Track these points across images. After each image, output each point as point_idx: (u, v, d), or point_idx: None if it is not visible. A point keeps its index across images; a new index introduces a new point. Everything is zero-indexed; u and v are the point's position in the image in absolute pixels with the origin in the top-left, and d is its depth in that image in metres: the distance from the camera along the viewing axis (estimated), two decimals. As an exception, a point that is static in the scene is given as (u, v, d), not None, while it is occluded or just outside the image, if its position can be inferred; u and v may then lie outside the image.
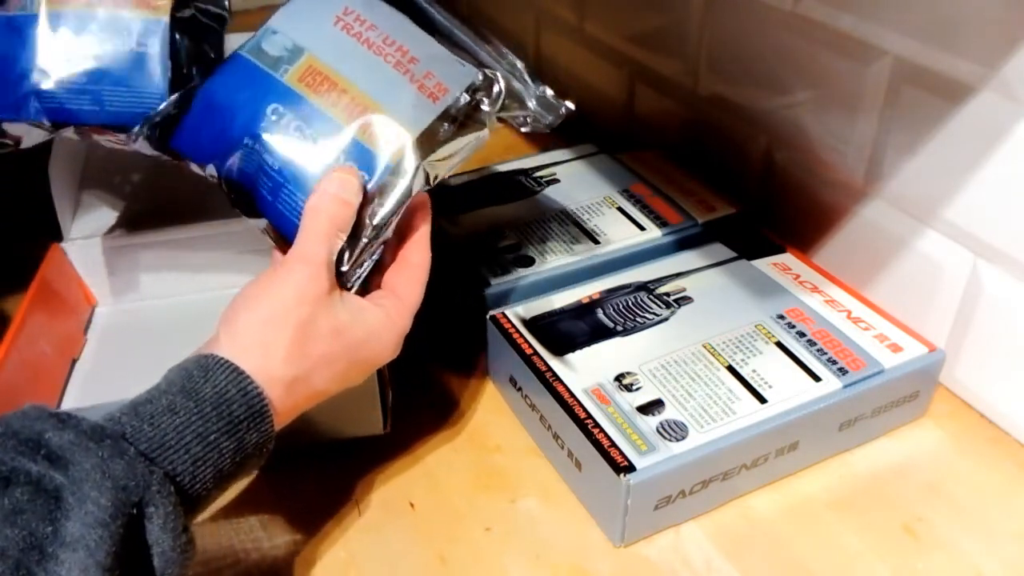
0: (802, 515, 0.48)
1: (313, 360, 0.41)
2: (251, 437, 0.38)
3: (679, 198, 0.65)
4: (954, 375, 0.55)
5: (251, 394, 0.38)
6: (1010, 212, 0.49)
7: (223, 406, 0.37)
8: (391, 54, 0.45)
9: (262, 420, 0.39)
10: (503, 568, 0.45)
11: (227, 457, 0.37)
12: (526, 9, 0.93)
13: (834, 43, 0.56)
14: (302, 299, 0.40)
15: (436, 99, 0.45)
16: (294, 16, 0.46)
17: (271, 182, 0.44)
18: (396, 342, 0.44)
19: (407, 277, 0.45)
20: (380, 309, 0.43)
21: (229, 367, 0.38)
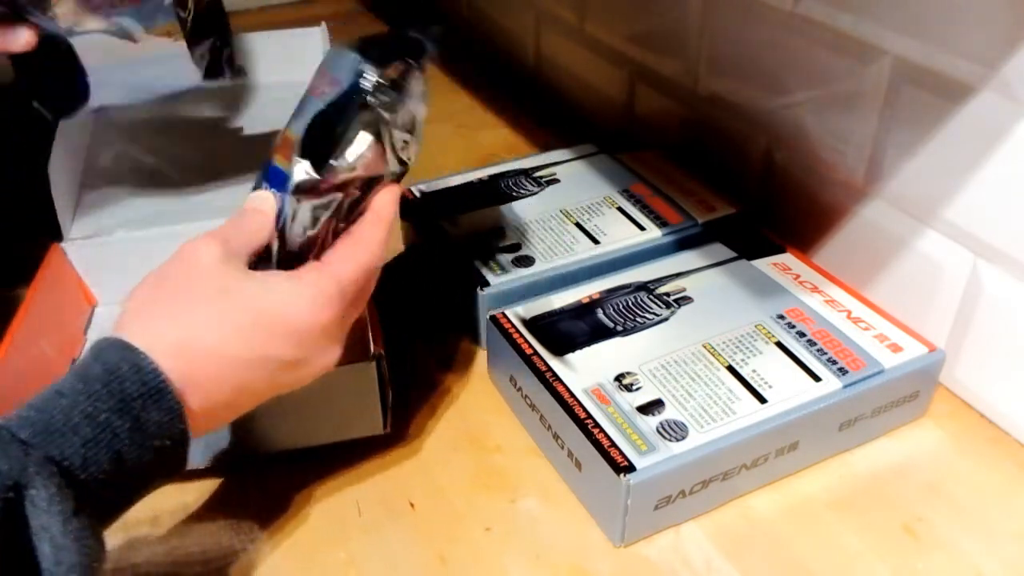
0: (802, 515, 0.48)
1: (196, 318, 0.39)
2: (150, 415, 0.36)
3: (679, 198, 0.65)
4: (954, 375, 0.55)
5: (145, 370, 0.36)
6: (1010, 212, 0.49)
7: (114, 384, 0.36)
8: (318, 83, 0.48)
9: (160, 396, 0.36)
10: (503, 568, 0.45)
11: (123, 438, 0.35)
12: (526, 9, 0.93)
13: (834, 43, 0.56)
14: (189, 264, 0.40)
15: (322, 94, 0.46)
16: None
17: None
18: (314, 309, 0.41)
19: (342, 248, 0.44)
20: (293, 275, 0.42)
21: (121, 343, 0.37)
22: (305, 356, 0.41)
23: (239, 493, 0.49)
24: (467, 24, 1.08)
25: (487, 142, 0.85)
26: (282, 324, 0.40)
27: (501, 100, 0.94)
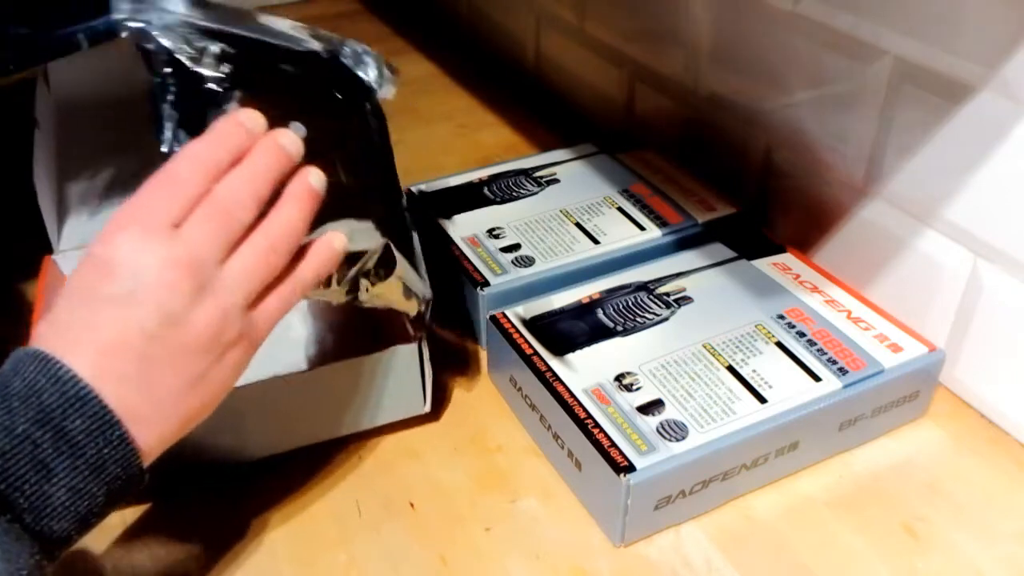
0: (802, 515, 0.48)
1: (65, 289, 0.37)
2: (74, 424, 0.34)
3: (679, 198, 0.65)
4: (954, 375, 0.55)
5: (63, 379, 0.35)
6: (1010, 212, 0.49)
7: (32, 398, 0.34)
8: None
9: (82, 404, 0.35)
10: (503, 568, 0.45)
11: (46, 448, 0.34)
12: (526, 9, 0.93)
13: (834, 43, 0.56)
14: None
15: None
16: None
17: None
18: (150, 264, 0.37)
19: (202, 211, 0.39)
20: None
21: (38, 355, 0.35)
22: (133, 289, 0.37)
23: (240, 493, 0.49)
24: (467, 24, 1.08)
25: (487, 142, 0.85)
26: (100, 265, 0.37)
27: (501, 100, 0.94)
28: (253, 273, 0.39)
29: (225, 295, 0.38)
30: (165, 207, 0.38)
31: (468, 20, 1.08)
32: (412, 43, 1.08)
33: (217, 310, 0.38)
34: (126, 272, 0.37)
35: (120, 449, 0.36)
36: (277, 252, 0.40)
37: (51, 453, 0.34)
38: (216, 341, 0.38)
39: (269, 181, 0.41)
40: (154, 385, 0.37)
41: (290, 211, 0.41)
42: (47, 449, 0.34)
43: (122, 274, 0.37)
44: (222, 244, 0.39)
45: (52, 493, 0.34)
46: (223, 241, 0.39)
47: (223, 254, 0.39)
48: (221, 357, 0.39)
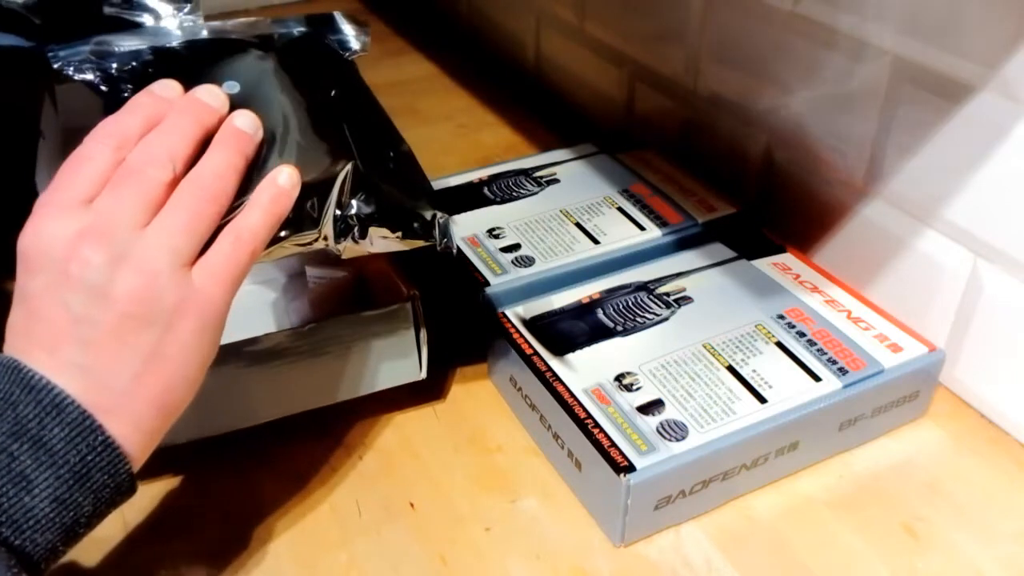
0: (802, 515, 0.48)
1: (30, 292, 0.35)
2: (53, 432, 0.33)
3: (679, 198, 0.65)
4: (954, 375, 0.55)
5: (37, 387, 0.33)
6: (1010, 212, 0.49)
7: (8, 411, 0.33)
8: None
9: (59, 411, 0.33)
10: (503, 568, 0.45)
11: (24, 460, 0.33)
12: (526, 9, 0.93)
13: (834, 43, 0.56)
14: None
15: None
16: None
17: None
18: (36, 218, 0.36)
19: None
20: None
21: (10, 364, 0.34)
22: (49, 271, 0.35)
23: (239, 493, 0.49)
24: (467, 24, 1.08)
25: (487, 142, 0.85)
26: (21, 258, 0.36)
27: (501, 100, 0.93)
28: (180, 230, 0.36)
29: (147, 259, 0.35)
30: (74, 185, 0.36)
31: (468, 20, 1.08)
32: (412, 43, 1.08)
33: (140, 275, 0.35)
34: (41, 257, 0.35)
35: (105, 455, 0.34)
36: (206, 201, 0.37)
37: (30, 464, 0.33)
38: (152, 310, 0.35)
39: (187, 137, 0.38)
40: (106, 371, 0.35)
41: (215, 157, 0.38)
42: (25, 461, 0.33)
43: (37, 260, 0.35)
44: (138, 207, 0.36)
45: (33, 505, 0.33)
46: (139, 204, 0.36)
47: (143, 217, 0.36)
48: (170, 327, 0.36)
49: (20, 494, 0.33)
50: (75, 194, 0.36)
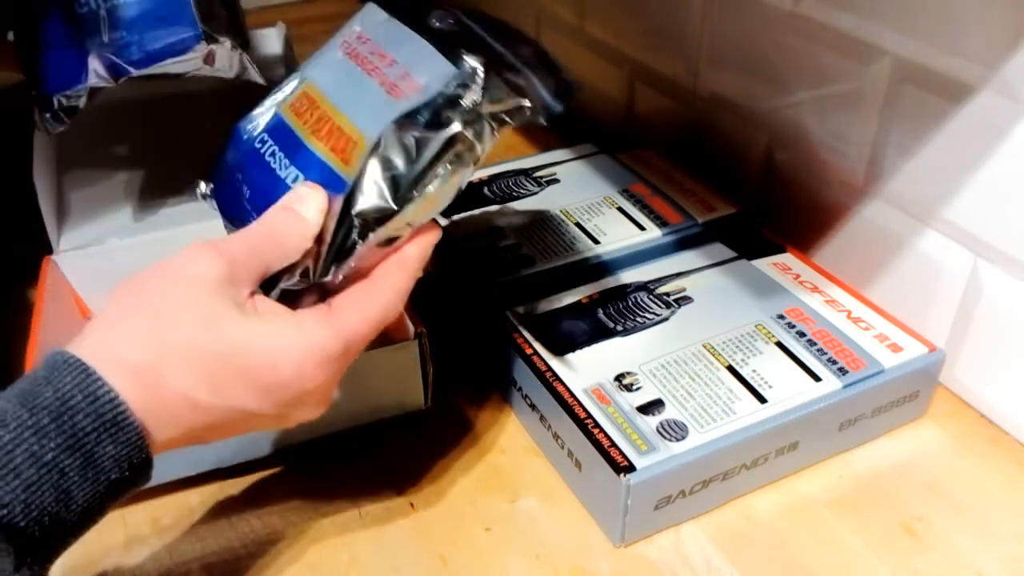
0: (802, 515, 0.48)
1: (168, 347, 0.33)
2: (105, 450, 0.32)
3: (679, 198, 0.65)
4: (954, 375, 0.55)
5: (101, 400, 0.32)
6: (1010, 212, 0.49)
7: (64, 416, 0.31)
8: (372, 62, 0.41)
9: (118, 429, 0.32)
10: (503, 568, 0.45)
11: (72, 476, 0.31)
12: (526, 9, 0.93)
13: (834, 43, 0.56)
14: (179, 280, 0.34)
15: (403, 97, 0.39)
16: (318, 52, 0.45)
17: (244, 213, 0.41)
18: (304, 362, 0.35)
19: (357, 295, 0.37)
20: (292, 318, 0.36)
21: (77, 366, 0.32)
22: (280, 413, 0.36)
23: (239, 495, 0.49)
24: (467, 24, 1.08)
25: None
26: (265, 378, 0.34)
27: (501, 100, 0.93)
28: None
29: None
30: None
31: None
32: (412, 43, 1.08)
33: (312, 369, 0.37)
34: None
35: (142, 471, 0.34)
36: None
37: (76, 481, 0.32)
38: (285, 396, 0.36)
39: None
40: (175, 405, 0.34)
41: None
42: (73, 477, 0.32)
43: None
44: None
45: (67, 519, 0.32)
46: None
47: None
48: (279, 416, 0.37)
49: (60, 511, 0.32)
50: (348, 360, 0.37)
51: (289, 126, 0.41)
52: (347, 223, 0.37)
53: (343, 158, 0.38)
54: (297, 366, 0.35)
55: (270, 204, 0.39)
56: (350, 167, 0.38)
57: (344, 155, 0.38)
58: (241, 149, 0.43)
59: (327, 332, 0.36)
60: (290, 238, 0.37)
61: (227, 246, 0.36)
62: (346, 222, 0.37)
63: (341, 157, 0.38)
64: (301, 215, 0.37)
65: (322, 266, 0.37)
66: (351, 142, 0.38)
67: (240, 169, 0.42)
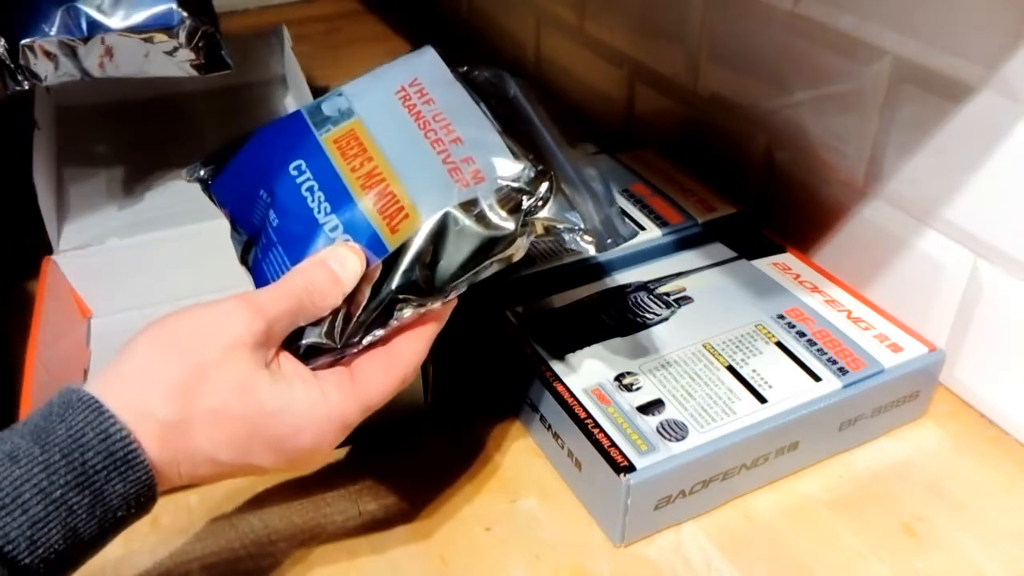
0: (802, 515, 0.48)
1: (199, 409, 0.34)
2: (115, 488, 0.32)
3: (679, 198, 0.65)
4: (954, 375, 0.55)
5: (113, 438, 0.32)
6: (1010, 212, 0.49)
7: (75, 453, 0.31)
8: (435, 131, 0.41)
9: (128, 468, 0.32)
10: (503, 568, 0.45)
11: (80, 514, 0.31)
12: (526, 9, 0.93)
13: (834, 43, 0.56)
14: (216, 339, 0.35)
15: (466, 185, 0.39)
16: (366, 82, 0.44)
17: (266, 239, 0.41)
18: (326, 430, 0.36)
19: (379, 365, 0.38)
20: (317, 385, 0.37)
21: (91, 404, 0.32)
22: (291, 467, 0.38)
23: (238, 495, 0.49)
24: (467, 24, 1.08)
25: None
26: (288, 444, 0.36)
27: (501, 100, 0.93)
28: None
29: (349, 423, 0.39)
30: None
31: (468, 20, 1.08)
32: (412, 43, 1.08)
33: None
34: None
35: (146, 507, 0.34)
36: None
37: (84, 519, 0.32)
38: (303, 458, 0.38)
39: None
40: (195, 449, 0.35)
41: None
42: (81, 515, 0.32)
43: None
44: None
45: (70, 556, 0.32)
46: None
47: None
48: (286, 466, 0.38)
49: (67, 549, 0.32)
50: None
51: (335, 168, 0.41)
52: (387, 296, 0.38)
53: (391, 226, 0.38)
54: (320, 434, 0.36)
55: (303, 246, 0.39)
56: (396, 236, 0.38)
57: (392, 223, 0.38)
58: (270, 165, 0.42)
59: (351, 404, 0.37)
60: (326, 300, 0.38)
61: (266, 307, 0.36)
62: (384, 293, 0.38)
63: (389, 225, 0.38)
64: (339, 277, 0.38)
65: (352, 330, 0.38)
66: (403, 212, 0.38)
67: (267, 188, 0.42)
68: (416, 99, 0.42)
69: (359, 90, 0.44)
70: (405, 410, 0.53)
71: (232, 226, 0.45)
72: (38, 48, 0.52)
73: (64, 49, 0.52)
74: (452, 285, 0.38)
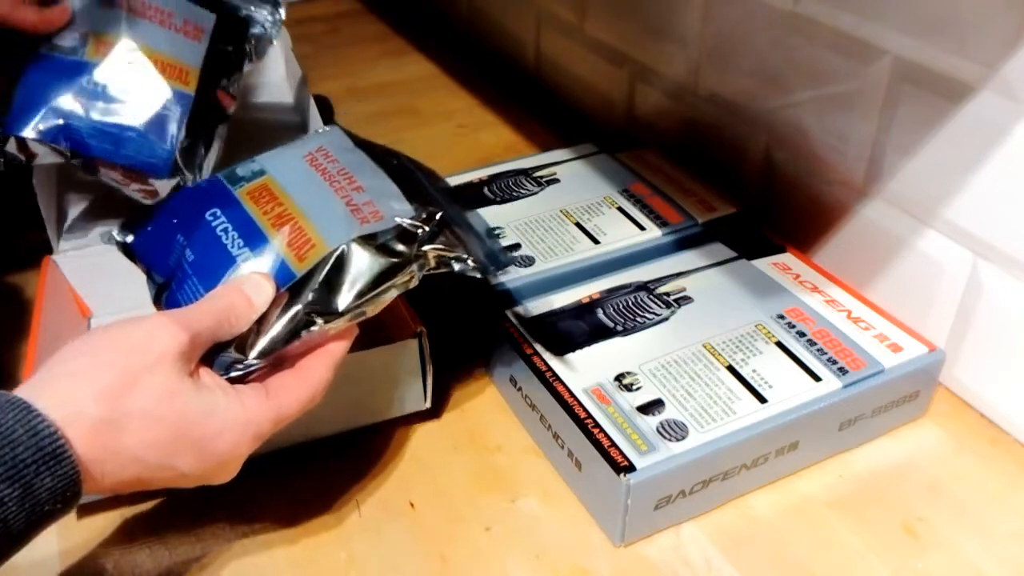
0: (802, 515, 0.48)
1: (130, 411, 0.36)
2: (43, 482, 0.34)
3: (679, 198, 0.65)
4: (954, 375, 0.55)
5: (42, 434, 0.34)
6: (1010, 212, 0.49)
7: (5, 448, 0.33)
8: (339, 182, 0.47)
9: (56, 463, 0.34)
10: (503, 568, 0.45)
11: (10, 506, 0.33)
12: (526, 9, 0.93)
13: (834, 43, 0.56)
14: (144, 348, 0.38)
15: (366, 221, 0.45)
16: (277, 152, 0.50)
17: (181, 274, 0.45)
18: (242, 435, 0.39)
19: (291, 382, 0.42)
20: (237, 397, 0.40)
21: (20, 404, 0.34)
22: (205, 475, 0.40)
23: (238, 493, 0.49)
24: (467, 24, 1.08)
25: (487, 142, 0.86)
26: (207, 446, 0.38)
27: (501, 100, 0.94)
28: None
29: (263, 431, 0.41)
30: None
31: (468, 20, 1.08)
32: (412, 43, 1.08)
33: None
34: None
35: (71, 503, 0.36)
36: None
37: (14, 511, 0.33)
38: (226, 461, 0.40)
39: None
40: (124, 449, 0.37)
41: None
42: (11, 508, 0.33)
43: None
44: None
45: (3, 551, 0.34)
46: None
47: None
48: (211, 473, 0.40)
49: (6, 536, 0.33)
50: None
51: (248, 212, 0.46)
52: (295, 315, 0.42)
53: (299, 255, 0.43)
54: (237, 438, 0.39)
55: (217, 276, 0.43)
56: (303, 264, 0.43)
57: (300, 253, 0.43)
58: (188, 216, 0.47)
59: (266, 412, 0.40)
60: (240, 321, 0.42)
61: (190, 323, 0.40)
62: (292, 312, 0.42)
63: (297, 255, 0.43)
64: (253, 301, 0.42)
65: (263, 347, 0.42)
66: (310, 243, 0.44)
67: (184, 233, 0.46)
68: (322, 160, 0.49)
69: (271, 156, 0.50)
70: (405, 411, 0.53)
71: (148, 276, 0.48)
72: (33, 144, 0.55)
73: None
74: (354, 305, 0.42)
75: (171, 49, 0.56)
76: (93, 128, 0.54)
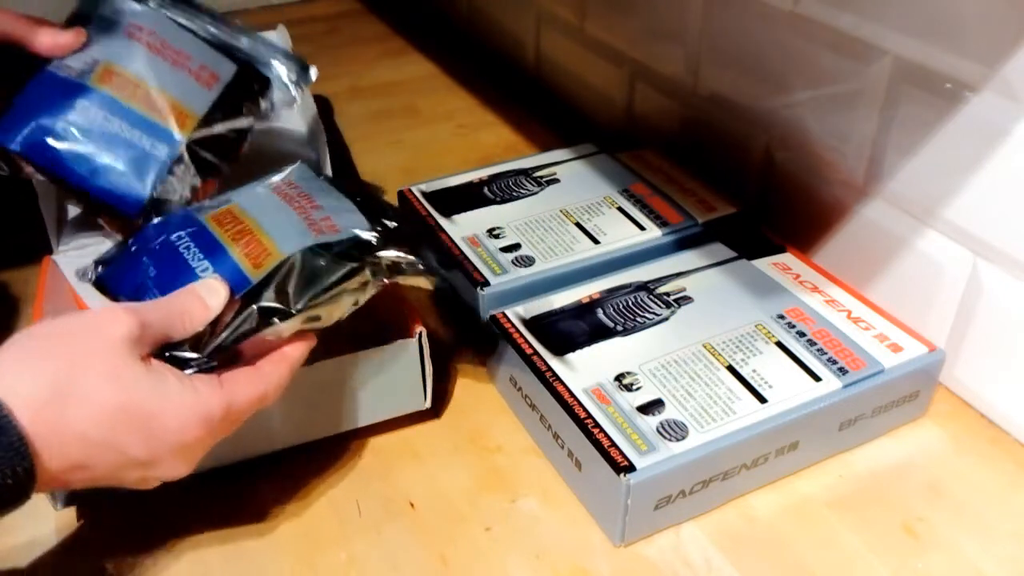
0: (802, 515, 0.48)
1: (75, 389, 0.37)
2: None
3: (679, 198, 0.65)
4: (954, 375, 0.55)
5: None
6: (1010, 212, 0.49)
7: None
8: (299, 202, 0.49)
9: (1, 433, 0.35)
10: (503, 568, 0.45)
11: None
12: (526, 9, 0.93)
13: (834, 43, 0.56)
14: (92, 334, 0.38)
15: (321, 232, 0.46)
16: (247, 186, 0.52)
17: (144, 289, 0.46)
18: (190, 417, 0.39)
19: (245, 377, 0.42)
20: (190, 383, 0.40)
21: None
22: (154, 461, 0.39)
23: (240, 493, 0.49)
24: (467, 24, 1.08)
25: (487, 142, 0.86)
26: (153, 425, 0.38)
27: (501, 100, 0.94)
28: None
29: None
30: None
31: (468, 20, 1.08)
32: (412, 43, 1.08)
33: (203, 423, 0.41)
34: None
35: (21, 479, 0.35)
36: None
37: None
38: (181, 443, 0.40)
39: None
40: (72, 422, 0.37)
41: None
42: None
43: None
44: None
45: None
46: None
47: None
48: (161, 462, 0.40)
49: None
50: (221, 431, 0.42)
51: (210, 230, 0.47)
52: (248, 314, 0.43)
53: (254, 263, 0.45)
54: (183, 419, 0.39)
55: (176, 285, 0.44)
56: (259, 271, 0.44)
57: (255, 261, 0.45)
58: (154, 240, 0.48)
59: (217, 399, 0.40)
60: (194, 319, 0.42)
61: (140, 311, 0.40)
62: (247, 312, 0.43)
63: (253, 263, 0.45)
64: (207, 304, 0.43)
65: (216, 344, 0.42)
66: (266, 251, 0.45)
67: (150, 254, 0.47)
68: (286, 188, 0.51)
69: (239, 190, 0.52)
70: (405, 410, 0.53)
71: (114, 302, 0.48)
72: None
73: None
74: (307, 306, 0.44)
75: (178, 91, 0.55)
76: (74, 152, 0.53)
